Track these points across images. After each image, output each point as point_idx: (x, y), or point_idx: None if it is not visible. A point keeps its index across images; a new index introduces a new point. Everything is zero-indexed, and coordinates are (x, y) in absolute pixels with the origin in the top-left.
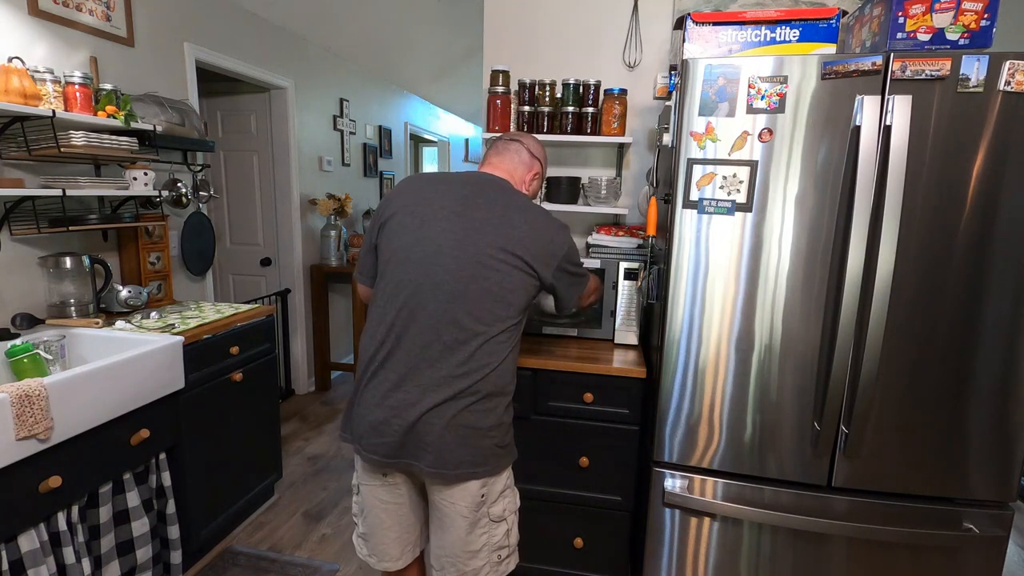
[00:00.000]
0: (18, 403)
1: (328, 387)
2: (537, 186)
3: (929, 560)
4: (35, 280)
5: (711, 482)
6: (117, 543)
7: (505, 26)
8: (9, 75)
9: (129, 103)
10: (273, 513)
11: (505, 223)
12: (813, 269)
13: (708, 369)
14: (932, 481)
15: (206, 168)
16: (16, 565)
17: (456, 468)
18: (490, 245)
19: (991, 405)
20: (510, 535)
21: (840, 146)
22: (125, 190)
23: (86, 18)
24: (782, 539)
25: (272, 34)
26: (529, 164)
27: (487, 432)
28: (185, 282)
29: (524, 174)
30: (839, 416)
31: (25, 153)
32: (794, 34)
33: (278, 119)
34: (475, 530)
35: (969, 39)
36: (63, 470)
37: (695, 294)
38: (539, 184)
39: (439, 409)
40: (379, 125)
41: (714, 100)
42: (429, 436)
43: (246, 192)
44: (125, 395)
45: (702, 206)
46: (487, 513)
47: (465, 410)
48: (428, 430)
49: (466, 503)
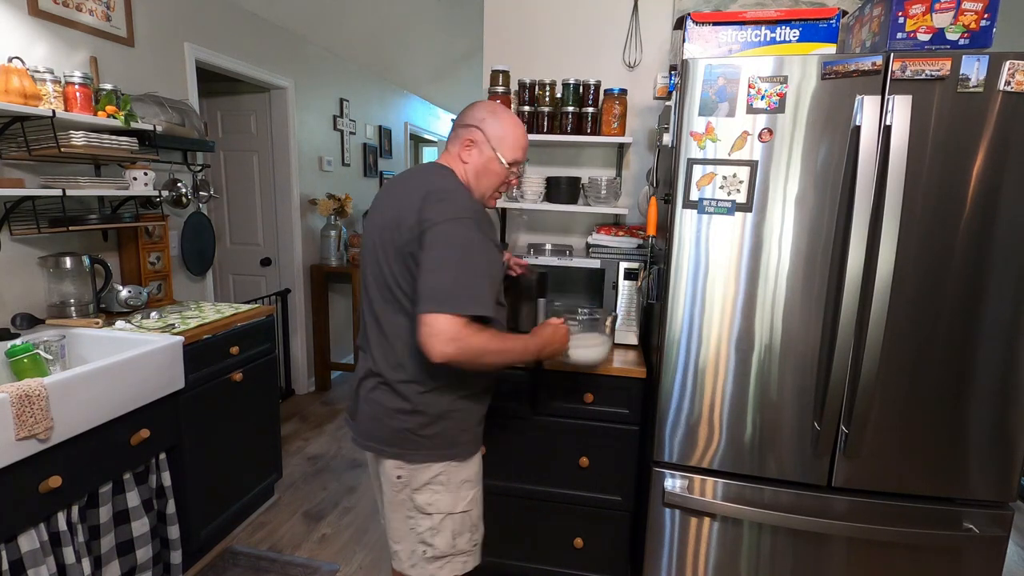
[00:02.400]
0: (18, 403)
1: (328, 387)
2: (478, 156)
3: (929, 560)
4: (35, 280)
5: (711, 482)
6: (117, 543)
7: (505, 26)
8: (9, 75)
9: (129, 103)
10: (273, 513)
11: (389, 210)
12: (813, 269)
13: (708, 369)
14: (932, 481)
15: (206, 168)
16: (16, 565)
17: (366, 439)
18: (380, 235)
19: (991, 405)
20: (437, 537)
21: (840, 146)
22: (125, 190)
23: (86, 18)
24: (782, 539)
25: (272, 34)
26: (463, 135)
27: (395, 414)
28: (185, 282)
29: (459, 149)
30: (839, 416)
31: (25, 153)
32: (794, 34)
33: (278, 119)
34: (397, 512)
35: (969, 39)
36: (63, 470)
37: (695, 294)
38: (481, 152)
39: (364, 382)
40: (379, 125)
41: (714, 100)
42: (357, 405)
43: (246, 192)
44: (125, 395)
45: (702, 206)
46: (410, 498)
47: (376, 387)
48: (358, 401)
49: (386, 480)
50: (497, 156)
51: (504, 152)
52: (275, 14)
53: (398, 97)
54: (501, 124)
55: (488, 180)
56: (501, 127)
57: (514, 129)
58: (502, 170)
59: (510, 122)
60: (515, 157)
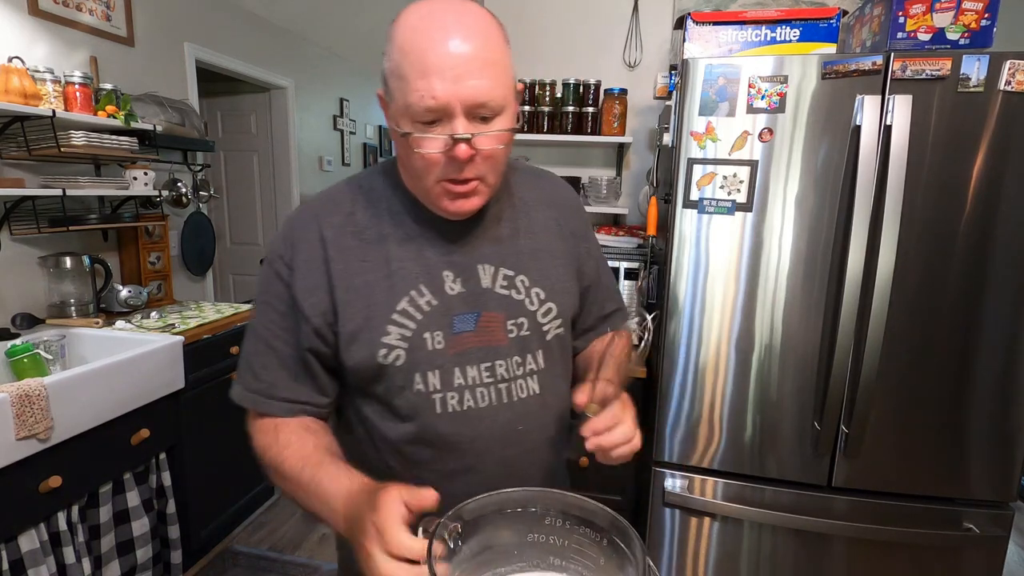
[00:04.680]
0: (18, 403)
1: None
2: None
3: (929, 560)
4: (35, 280)
5: (711, 482)
6: (117, 543)
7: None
8: (9, 75)
9: (129, 103)
10: (273, 513)
11: None
12: (813, 269)
13: (708, 369)
14: (932, 481)
15: (206, 168)
16: (16, 565)
17: None
18: None
19: (991, 405)
20: None
21: (840, 146)
22: (125, 190)
23: (86, 18)
24: (782, 539)
25: (272, 34)
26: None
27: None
28: (185, 282)
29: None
30: (839, 416)
31: (25, 153)
32: (794, 34)
33: (278, 119)
34: None
35: (969, 39)
36: (63, 470)
37: (695, 294)
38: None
39: None
40: (379, 125)
41: (714, 100)
42: None
43: (246, 192)
44: (125, 395)
45: (702, 206)
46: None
47: None
48: None
49: None
50: (393, 114)
51: (396, 96)
52: (275, 14)
53: None
54: (394, 42)
55: (404, 163)
56: (393, 49)
57: (413, 38)
58: (402, 139)
59: (408, 28)
60: (417, 103)
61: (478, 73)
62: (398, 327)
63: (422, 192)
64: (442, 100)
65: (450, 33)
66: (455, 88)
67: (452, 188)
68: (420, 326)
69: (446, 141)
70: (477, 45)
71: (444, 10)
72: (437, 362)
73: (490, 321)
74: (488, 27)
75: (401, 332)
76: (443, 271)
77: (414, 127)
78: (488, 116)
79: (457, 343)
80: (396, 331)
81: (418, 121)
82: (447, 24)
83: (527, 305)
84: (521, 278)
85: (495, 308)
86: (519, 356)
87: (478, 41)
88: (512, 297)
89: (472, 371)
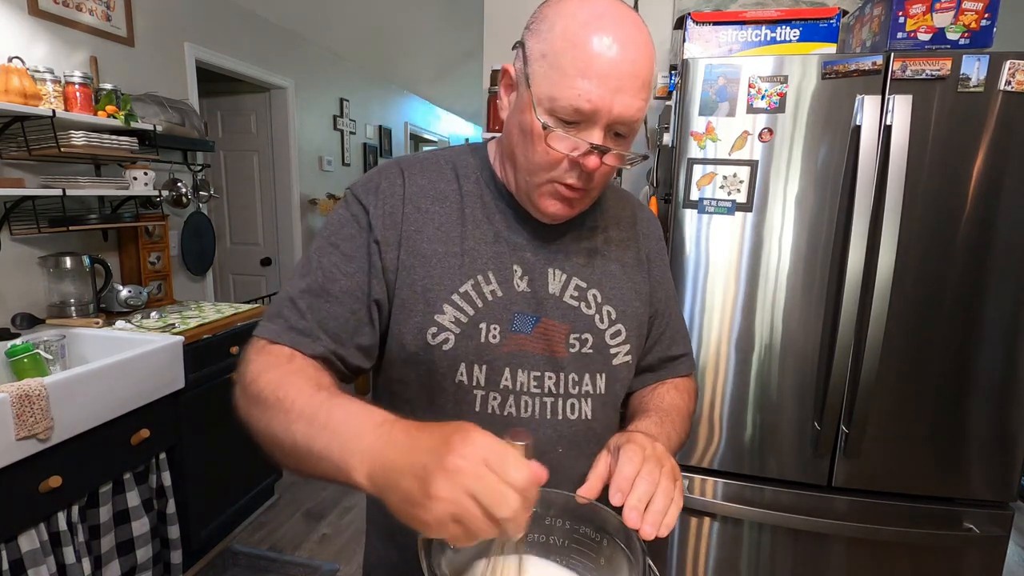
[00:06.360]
0: (18, 403)
1: None
2: (510, 105)
3: (929, 560)
4: (35, 280)
5: (711, 482)
6: (117, 543)
7: (505, 26)
8: (9, 75)
9: (129, 103)
10: (273, 513)
11: None
12: (813, 269)
13: (708, 369)
14: (932, 481)
15: (206, 168)
16: (16, 565)
17: None
18: None
19: (991, 405)
20: None
21: (840, 146)
22: (125, 190)
23: (86, 18)
24: (782, 539)
25: (272, 34)
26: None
27: None
28: (185, 282)
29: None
30: (839, 416)
31: (25, 153)
32: (794, 34)
33: (278, 119)
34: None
35: (969, 39)
36: (63, 470)
37: (695, 294)
38: (520, 96)
39: None
40: (379, 125)
41: (714, 100)
42: None
43: (246, 192)
44: (125, 395)
45: (702, 206)
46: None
47: None
48: None
49: None
50: (532, 99)
51: (542, 83)
52: (275, 14)
53: (398, 97)
54: (555, 29)
55: (521, 151)
56: (555, 36)
57: (584, 35)
58: (535, 129)
59: (579, 22)
60: (568, 101)
61: (635, 91)
62: (455, 309)
63: (525, 184)
64: (596, 107)
65: (624, 44)
66: (612, 99)
67: (563, 191)
68: (479, 314)
69: (581, 146)
70: (642, 64)
71: (621, 18)
72: (487, 357)
73: (549, 329)
74: (651, 48)
75: (456, 315)
76: (513, 264)
77: (551, 120)
78: (624, 134)
79: (513, 342)
80: (452, 312)
81: (558, 117)
82: (622, 34)
83: (596, 322)
84: (593, 292)
85: (558, 317)
86: (576, 374)
87: (644, 61)
88: (581, 310)
89: (522, 376)
